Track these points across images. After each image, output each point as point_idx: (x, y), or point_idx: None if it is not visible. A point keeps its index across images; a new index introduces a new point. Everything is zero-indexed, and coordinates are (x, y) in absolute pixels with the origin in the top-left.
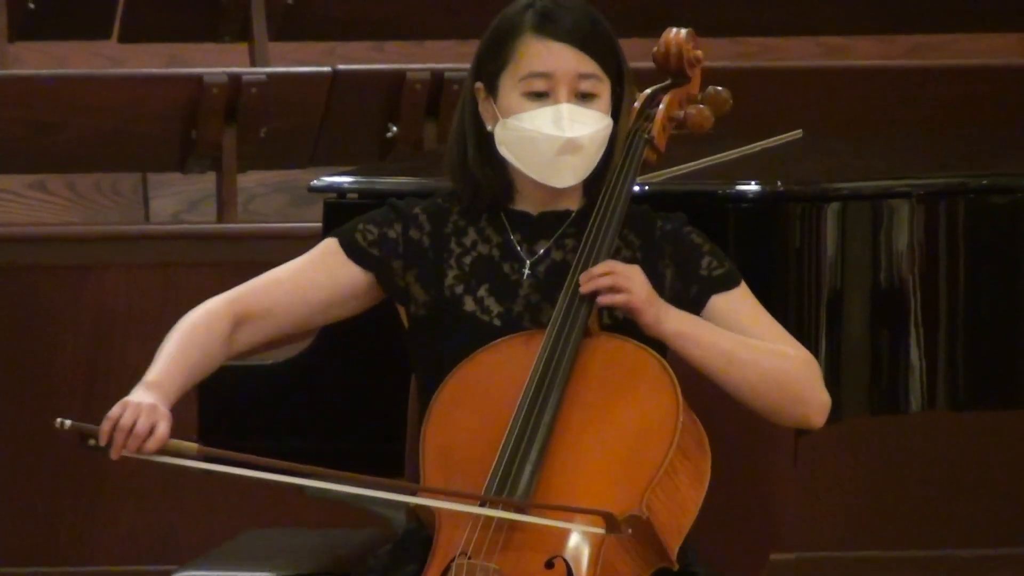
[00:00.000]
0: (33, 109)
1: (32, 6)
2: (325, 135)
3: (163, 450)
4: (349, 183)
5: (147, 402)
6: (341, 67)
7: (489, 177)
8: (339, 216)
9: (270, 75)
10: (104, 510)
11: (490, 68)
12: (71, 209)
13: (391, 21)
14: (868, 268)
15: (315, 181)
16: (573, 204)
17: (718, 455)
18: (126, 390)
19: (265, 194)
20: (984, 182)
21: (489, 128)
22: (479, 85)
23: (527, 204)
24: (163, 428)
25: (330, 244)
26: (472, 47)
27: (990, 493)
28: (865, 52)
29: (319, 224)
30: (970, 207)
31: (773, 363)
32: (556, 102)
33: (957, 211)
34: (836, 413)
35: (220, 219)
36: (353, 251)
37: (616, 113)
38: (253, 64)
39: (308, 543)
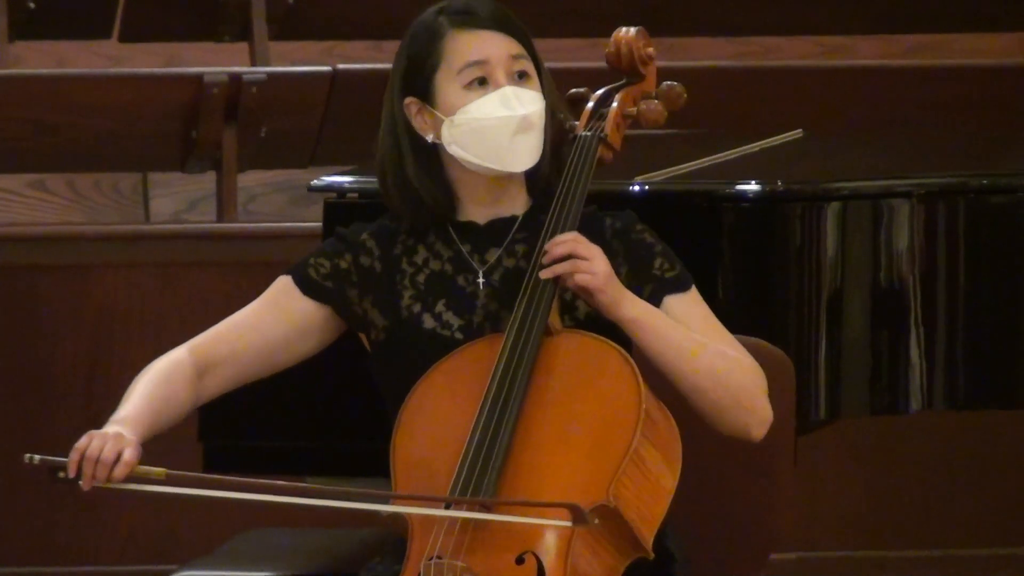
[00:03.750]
0: (33, 109)
1: (32, 6)
2: (325, 135)
3: (132, 476)
4: (349, 183)
5: (112, 431)
6: (341, 66)
7: (432, 190)
8: (339, 216)
9: (270, 75)
10: (104, 510)
11: (419, 78)
12: (71, 209)
13: (390, 21)
14: (868, 268)
15: (315, 181)
16: (519, 209)
17: (718, 456)
18: (125, 390)
19: (265, 194)
20: (984, 182)
21: (430, 139)
22: (409, 100)
23: (473, 214)
24: (129, 454)
25: (284, 282)
26: None
27: (990, 493)
28: (865, 52)
29: (319, 224)
30: (970, 207)
31: (725, 365)
32: (498, 86)
33: (957, 211)
34: (836, 413)
35: (220, 219)
36: (307, 287)
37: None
38: (253, 64)
39: (307, 543)
